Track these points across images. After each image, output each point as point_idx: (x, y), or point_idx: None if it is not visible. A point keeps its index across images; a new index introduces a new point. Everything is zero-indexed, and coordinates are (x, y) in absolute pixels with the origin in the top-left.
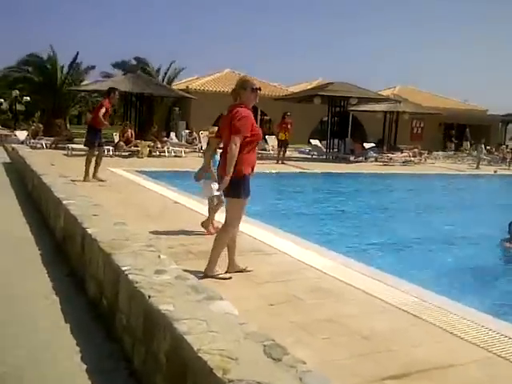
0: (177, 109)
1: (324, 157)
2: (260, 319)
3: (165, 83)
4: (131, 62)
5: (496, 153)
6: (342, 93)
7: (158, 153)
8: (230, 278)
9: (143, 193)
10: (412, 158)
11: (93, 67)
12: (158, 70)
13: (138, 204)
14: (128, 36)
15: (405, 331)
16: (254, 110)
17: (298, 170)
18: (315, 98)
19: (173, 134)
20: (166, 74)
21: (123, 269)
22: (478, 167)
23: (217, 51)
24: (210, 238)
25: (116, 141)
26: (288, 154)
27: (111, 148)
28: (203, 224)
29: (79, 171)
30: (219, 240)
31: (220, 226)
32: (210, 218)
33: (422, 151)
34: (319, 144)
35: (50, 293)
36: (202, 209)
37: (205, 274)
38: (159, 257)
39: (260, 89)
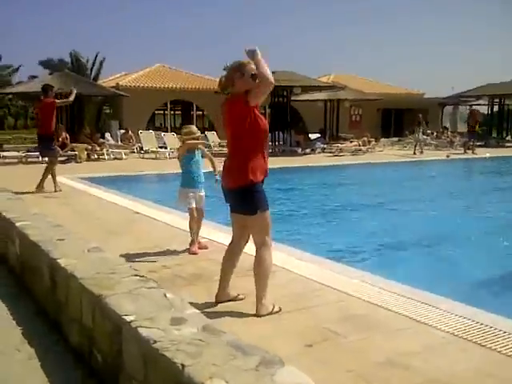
0: (107, 108)
1: (270, 151)
2: (309, 370)
3: (91, 79)
4: (63, 60)
5: (443, 137)
6: (287, 82)
7: (96, 156)
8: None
9: (97, 204)
10: (362, 147)
11: (16, 69)
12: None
13: (97, 218)
14: (54, 33)
15: (490, 374)
16: (188, 105)
17: None
18: None
19: (108, 135)
20: (91, 68)
21: (127, 319)
22: (415, 152)
23: (141, 46)
24: (194, 257)
25: None
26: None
27: None
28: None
29: (19, 182)
30: (263, 266)
31: (206, 245)
32: (193, 234)
33: (371, 139)
34: None
35: (22, 342)
36: (170, 219)
37: (258, 315)
38: (165, 296)
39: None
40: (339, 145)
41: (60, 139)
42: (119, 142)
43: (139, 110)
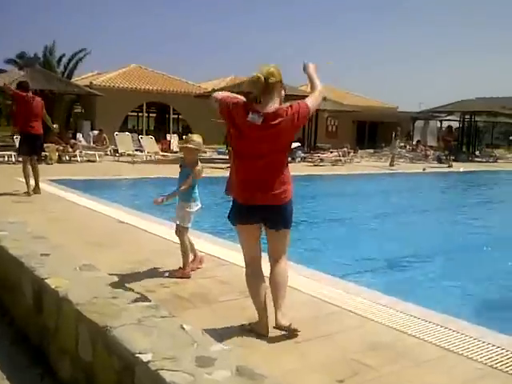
0: (78, 107)
1: None
2: None
3: (65, 77)
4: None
5: (418, 150)
6: None
7: (67, 157)
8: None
9: (75, 210)
10: (341, 158)
11: None
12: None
13: (78, 227)
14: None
15: None
16: (164, 107)
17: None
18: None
19: (79, 136)
20: (66, 66)
21: (143, 358)
22: (392, 164)
23: (115, 45)
24: (193, 273)
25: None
26: (207, 155)
27: (13, 154)
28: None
29: None
30: (286, 275)
31: (201, 259)
32: (187, 255)
33: (350, 150)
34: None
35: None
36: (159, 230)
37: (279, 326)
38: (183, 328)
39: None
40: (320, 155)
41: None
42: (91, 144)
43: (113, 111)
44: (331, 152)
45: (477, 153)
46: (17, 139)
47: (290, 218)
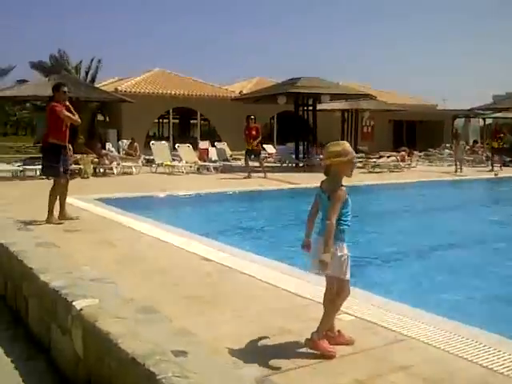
0: (102, 115)
1: (292, 165)
2: None
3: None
4: (49, 61)
5: (479, 152)
6: (314, 89)
7: (103, 170)
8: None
9: (142, 242)
10: (400, 163)
11: (4, 72)
12: (77, 69)
13: (159, 271)
14: (44, 34)
15: None
16: (188, 113)
17: (288, 186)
18: (280, 97)
19: (109, 146)
20: (87, 72)
21: None
22: (460, 169)
23: (133, 50)
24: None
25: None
26: (239, 163)
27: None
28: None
29: (20, 205)
30: None
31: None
32: (330, 318)
33: (409, 154)
34: (273, 149)
35: None
36: (270, 275)
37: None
38: None
39: None
40: (376, 160)
41: None
42: (121, 154)
43: (140, 118)
44: (388, 157)
45: None
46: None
47: None
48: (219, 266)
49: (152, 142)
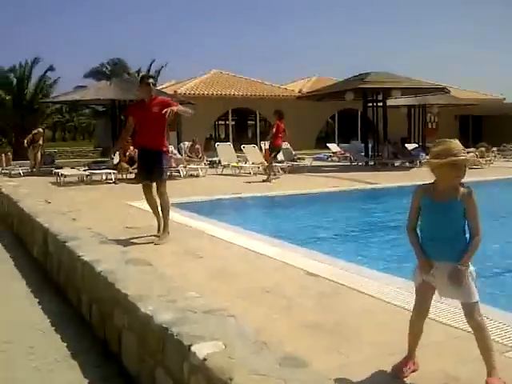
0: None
1: (361, 164)
2: None
3: None
4: (106, 67)
5: None
6: (386, 84)
7: (169, 173)
8: None
9: (232, 254)
10: (480, 159)
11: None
12: (138, 72)
13: (258, 288)
14: (100, 41)
15: None
16: (246, 114)
17: (370, 187)
18: (347, 93)
19: (171, 148)
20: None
21: None
22: None
23: (188, 53)
24: None
25: (116, 161)
26: (306, 162)
27: (112, 172)
28: None
29: (93, 212)
30: None
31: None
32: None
33: (489, 149)
34: (337, 148)
35: None
36: (382, 290)
37: None
38: None
39: None
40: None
41: (127, 154)
42: (183, 156)
43: (199, 120)
44: (468, 152)
45: None
46: (115, 156)
47: None
48: (329, 282)
49: (217, 143)
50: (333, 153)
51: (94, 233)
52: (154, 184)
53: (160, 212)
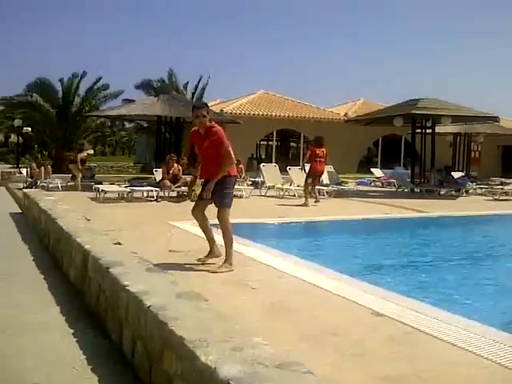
0: None
1: (406, 190)
2: None
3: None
4: (155, 83)
5: None
6: (437, 111)
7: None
8: None
9: (285, 284)
10: None
11: (119, 93)
12: (185, 87)
13: (322, 329)
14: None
15: None
16: (289, 135)
17: (421, 215)
18: (396, 119)
19: None
20: (193, 93)
21: None
22: None
23: (233, 72)
24: None
25: (158, 179)
26: (350, 186)
27: (154, 190)
28: None
29: (140, 233)
30: None
31: None
32: None
33: None
34: (381, 173)
35: None
36: (462, 336)
37: None
38: None
39: None
40: (504, 187)
41: (171, 172)
42: None
43: (244, 139)
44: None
45: None
46: (156, 172)
47: None
48: (398, 324)
49: (262, 164)
50: (376, 178)
51: (138, 258)
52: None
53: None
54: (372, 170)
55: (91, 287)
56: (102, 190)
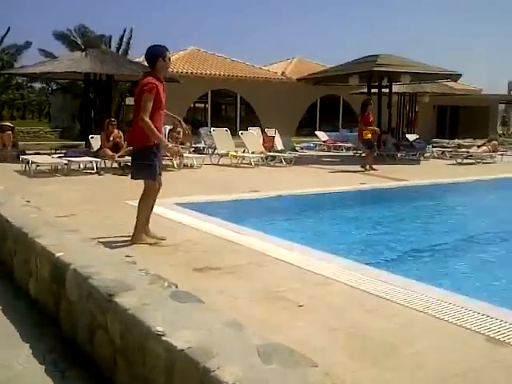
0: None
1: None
2: None
3: None
4: (73, 35)
5: None
6: (398, 67)
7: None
8: None
9: (309, 283)
10: (492, 153)
11: (28, 44)
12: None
13: (379, 346)
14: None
15: None
16: (223, 96)
17: (399, 184)
18: (353, 77)
19: None
20: (118, 48)
21: None
22: None
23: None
24: None
25: (96, 147)
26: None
27: (94, 160)
28: None
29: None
30: None
31: None
32: None
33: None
34: (326, 136)
35: None
36: None
37: None
38: None
39: None
40: (468, 150)
41: (111, 138)
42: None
43: (176, 100)
44: (478, 146)
45: None
46: (93, 139)
47: None
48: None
49: (212, 128)
50: (323, 142)
51: (145, 272)
52: None
53: None
54: (317, 133)
55: (75, 316)
56: (33, 162)
